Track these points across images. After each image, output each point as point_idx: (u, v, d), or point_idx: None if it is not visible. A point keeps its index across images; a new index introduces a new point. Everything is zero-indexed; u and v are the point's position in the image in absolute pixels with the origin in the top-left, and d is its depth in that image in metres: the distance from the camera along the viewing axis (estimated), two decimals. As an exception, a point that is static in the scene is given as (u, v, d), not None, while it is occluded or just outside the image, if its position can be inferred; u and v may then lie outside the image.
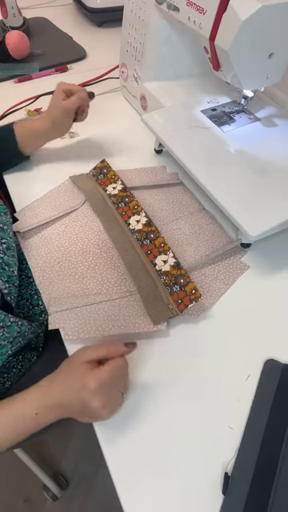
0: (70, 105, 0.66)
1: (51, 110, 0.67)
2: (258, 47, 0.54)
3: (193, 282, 0.53)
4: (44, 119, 0.68)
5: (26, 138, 0.67)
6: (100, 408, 0.40)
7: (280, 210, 0.55)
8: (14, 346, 0.54)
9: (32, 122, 0.69)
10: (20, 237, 0.62)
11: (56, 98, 0.67)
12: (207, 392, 0.47)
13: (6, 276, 0.55)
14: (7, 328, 0.51)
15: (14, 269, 0.56)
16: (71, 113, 0.67)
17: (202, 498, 0.40)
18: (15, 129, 0.66)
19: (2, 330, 0.51)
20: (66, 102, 0.65)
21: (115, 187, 0.67)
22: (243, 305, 0.55)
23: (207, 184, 0.59)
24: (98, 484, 1.05)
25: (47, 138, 0.70)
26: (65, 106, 0.66)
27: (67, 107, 0.66)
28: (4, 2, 0.96)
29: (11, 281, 0.56)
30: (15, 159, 0.70)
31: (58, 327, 0.51)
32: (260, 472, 0.41)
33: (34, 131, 0.68)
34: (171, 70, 0.78)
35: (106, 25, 1.18)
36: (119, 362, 0.43)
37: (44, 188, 0.69)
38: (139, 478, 0.41)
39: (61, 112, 0.66)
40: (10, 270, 0.55)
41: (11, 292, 0.56)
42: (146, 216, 0.62)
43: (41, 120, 0.68)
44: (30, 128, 0.68)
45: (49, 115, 0.67)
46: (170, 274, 0.55)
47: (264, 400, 0.46)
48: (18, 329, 0.53)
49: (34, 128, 0.68)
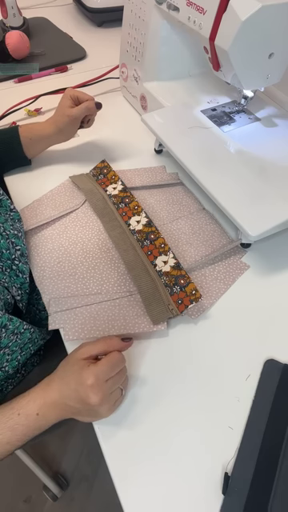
0: (77, 114, 0.65)
1: (57, 117, 0.67)
2: (257, 47, 0.54)
3: (193, 283, 0.53)
4: (50, 124, 0.67)
5: (30, 141, 0.67)
6: (98, 404, 0.40)
7: (280, 210, 0.55)
8: (23, 352, 0.54)
9: (37, 125, 0.68)
10: None
11: (63, 105, 0.66)
12: (207, 392, 0.47)
13: (19, 283, 0.55)
14: (20, 335, 0.52)
15: (26, 276, 0.56)
16: (78, 121, 0.67)
17: (202, 498, 0.40)
18: (20, 132, 0.66)
19: (16, 337, 0.51)
20: (73, 111, 0.65)
21: (115, 187, 0.67)
22: (243, 305, 0.55)
23: (207, 184, 0.59)
24: (97, 484, 1.05)
25: (52, 143, 0.70)
26: (72, 115, 0.65)
27: (74, 116, 0.65)
28: (4, 1, 0.96)
29: (23, 288, 0.56)
30: (18, 161, 0.70)
31: (58, 327, 0.51)
32: (260, 472, 0.41)
33: (39, 135, 0.68)
34: (171, 70, 0.78)
35: (105, 25, 1.18)
36: (116, 357, 0.42)
37: (44, 188, 0.69)
38: (139, 478, 0.41)
39: (67, 120, 0.66)
40: (23, 277, 0.55)
41: (23, 299, 0.56)
42: (146, 216, 0.62)
43: (46, 125, 0.68)
44: (35, 132, 0.67)
45: (55, 121, 0.67)
46: (170, 275, 0.55)
47: (264, 400, 0.46)
48: (30, 336, 0.53)
49: (39, 132, 0.67)
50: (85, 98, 0.66)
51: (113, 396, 0.43)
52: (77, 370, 0.41)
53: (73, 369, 0.42)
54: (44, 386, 0.43)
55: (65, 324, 0.51)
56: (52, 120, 0.67)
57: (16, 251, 0.55)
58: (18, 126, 0.67)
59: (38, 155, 0.72)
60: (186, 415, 0.45)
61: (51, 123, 0.67)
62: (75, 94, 0.66)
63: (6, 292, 0.52)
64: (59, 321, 0.51)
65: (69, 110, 0.65)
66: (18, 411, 0.42)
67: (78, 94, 0.66)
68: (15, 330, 0.51)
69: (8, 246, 0.54)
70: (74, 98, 0.66)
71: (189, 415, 0.45)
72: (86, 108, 0.65)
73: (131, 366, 0.49)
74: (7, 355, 0.51)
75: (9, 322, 0.49)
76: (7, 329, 0.49)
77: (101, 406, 0.40)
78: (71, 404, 0.41)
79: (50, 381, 0.44)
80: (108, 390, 0.41)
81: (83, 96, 0.66)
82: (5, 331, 0.49)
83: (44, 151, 0.72)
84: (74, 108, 0.65)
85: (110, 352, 0.43)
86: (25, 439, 0.42)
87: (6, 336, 0.49)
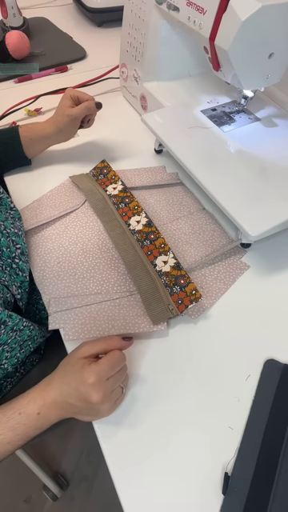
0: (77, 114, 0.65)
1: (57, 117, 0.67)
2: (257, 47, 0.54)
3: (193, 283, 0.53)
4: (50, 124, 0.67)
5: (30, 141, 0.67)
6: (99, 402, 0.40)
7: (280, 210, 0.55)
8: (23, 350, 0.54)
9: (37, 125, 0.68)
10: None
11: (63, 105, 0.66)
12: (207, 392, 0.47)
13: (19, 281, 0.55)
14: (19, 332, 0.52)
15: (26, 274, 0.56)
16: (78, 121, 0.67)
17: (202, 498, 0.40)
18: (20, 132, 0.66)
19: (15, 334, 0.51)
20: (73, 111, 0.65)
21: (115, 187, 0.67)
22: (243, 305, 0.55)
23: (207, 184, 0.59)
24: (97, 484, 1.05)
25: (52, 143, 0.70)
26: (72, 115, 0.65)
27: (74, 116, 0.65)
28: (4, 2, 0.96)
29: (23, 286, 0.56)
30: (18, 161, 0.70)
31: (58, 327, 0.51)
32: (260, 472, 0.41)
33: (39, 135, 0.68)
34: (171, 70, 0.78)
35: (105, 25, 1.18)
36: (116, 355, 0.42)
37: (44, 188, 0.69)
38: (139, 478, 0.41)
39: (67, 120, 0.66)
40: (23, 276, 0.55)
41: (23, 297, 0.56)
42: (146, 217, 0.62)
43: (46, 125, 0.67)
44: (35, 132, 0.67)
45: (55, 121, 0.67)
46: (170, 275, 0.55)
47: (264, 400, 0.46)
48: (29, 333, 0.53)
49: (40, 132, 0.67)
50: (85, 98, 0.66)
51: (114, 394, 0.43)
52: (78, 369, 0.41)
53: (74, 368, 0.42)
54: (44, 385, 0.44)
55: (65, 324, 0.51)
56: (52, 120, 0.67)
57: (16, 249, 0.55)
58: (18, 126, 0.67)
59: (38, 155, 0.72)
60: (185, 415, 0.45)
61: (51, 123, 0.67)
62: (75, 93, 0.66)
63: (5, 290, 0.52)
64: (59, 321, 0.51)
65: (69, 110, 0.65)
66: (19, 411, 0.42)
67: (78, 93, 0.66)
68: (14, 327, 0.50)
69: (8, 244, 0.54)
70: (74, 98, 0.66)
71: (189, 415, 0.45)
72: (86, 108, 0.65)
73: (131, 366, 0.49)
74: (6, 352, 0.51)
75: (8, 318, 0.49)
76: (6, 325, 0.49)
77: (102, 404, 0.41)
78: (72, 403, 0.41)
79: (50, 380, 0.44)
80: (109, 389, 0.41)
81: (83, 96, 0.66)
82: (4, 327, 0.49)
83: (44, 151, 0.72)
84: (74, 108, 0.65)
85: (111, 351, 0.43)
86: (26, 439, 0.42)
87: (5, 332, 0.49)
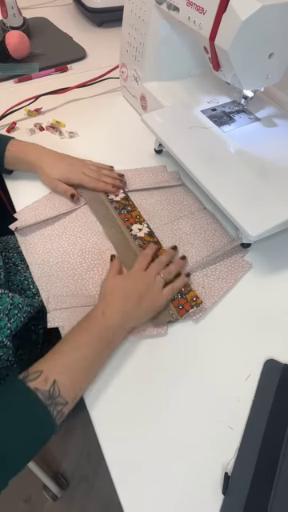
0: (55, 188, 0.66)
1: (47, 169, 0.66)
2: (257, 47, 0.54)
3: (194, 291, 0.53)
4: (37, 163, 0.66)
5: (13, 160, 0.67)
6: (151, 275, 0.52)
7: (280, 210, 0.55)
8: (12, 319, 0.53)
9: (30, 153, 0.67)
10: (18, 234, 0.62)
11: (62, 172, 0.66)
12: (207, 392, 0.47)
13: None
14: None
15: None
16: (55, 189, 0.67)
17: (202, 498, 0.40)
18: (9, 147, 0.66)
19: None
20: (56, 185, 0.65)
21: (117, 194, 0.67)
22: (243, 305, 0.55)
23: (207, 184, 0.59)
24: (97, 484, 1.05)
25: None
26: (52, 186, 0.66)
27: (53, 188, 0.67)
28: (4, 2, 0.96)
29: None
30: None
31: (57, 325, 0.51)
32: (260, 472, 0.41)
33: (24, 162, 0.67)
34: (171, 70, 0.78)
35: (105, 25, 1.18)
36: (143, 252, 0.57)
37: (44, 188, 0.68)
38: (139, 478, 0.41)
39: (47, 181, 0.67)
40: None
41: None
42: (148, 227, 0.62)
43: (35, 161, 0.66)
44: (23, 157, 0.67)
45: (41, 167, 0.66)
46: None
47: (264, 400, 0.46)
48: (11, 300, 0.53)
49: (26, 161, 0.67)
50: (64, 190, 0.65)
51: (157, 281, 0.52)
52: (120, 280, 0.52)
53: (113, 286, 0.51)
54: (96, 313, 0.48)
55: (64, 322, 0.51)
56: (42, 163, 0.66)
57: None
58: (12, 139, 0.67)
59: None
60: (185, 415, 0.45)
61: (40, 164, 0.66)
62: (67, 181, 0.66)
63: None
64: (59, 319, 0.51)
65: (55, 181, 0.65)
66: (94, 321, 0.47)
67: (85, 180, 0.66)
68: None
69: None
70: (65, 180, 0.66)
71: (189, 415, 0.45)
72: (65, 192, 0.65)
73: (131, 366, 0.49)
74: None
75: None
76: None
77: (154, 281, 0.52)
78: (131, 288, 0.50)
79: (97, 309, 0.49)
80: (151, 272, 0.53)
81: (86, 184, 0.66)
82: None
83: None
84: (60, 184, 0.65)
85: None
86: (108, 350, 0.48)
87: None
